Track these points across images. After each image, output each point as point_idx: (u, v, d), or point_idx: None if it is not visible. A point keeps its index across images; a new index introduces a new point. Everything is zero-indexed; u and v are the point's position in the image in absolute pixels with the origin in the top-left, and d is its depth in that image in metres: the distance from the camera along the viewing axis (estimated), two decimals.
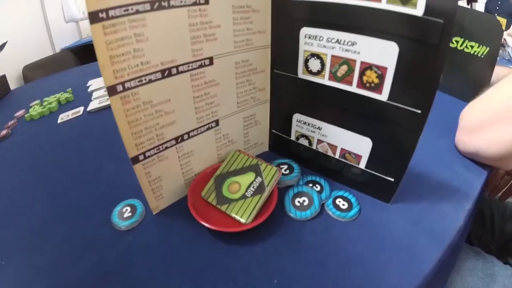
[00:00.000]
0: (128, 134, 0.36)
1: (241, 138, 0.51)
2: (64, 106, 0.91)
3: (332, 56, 0.40)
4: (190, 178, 0.46)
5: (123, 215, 0.44)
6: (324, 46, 0.40)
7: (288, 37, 0.43)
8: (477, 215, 0.85)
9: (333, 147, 0.47)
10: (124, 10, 0.31)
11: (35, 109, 0.87)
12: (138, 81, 0.34)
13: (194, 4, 0.36)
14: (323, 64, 0.42)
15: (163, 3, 0.33)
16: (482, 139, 0.52)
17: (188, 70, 0.38)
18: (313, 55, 0.42)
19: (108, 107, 0.84)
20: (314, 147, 0.49)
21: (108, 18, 0.30)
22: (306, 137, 0.49)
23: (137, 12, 0.32)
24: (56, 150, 0.68)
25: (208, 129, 0.45)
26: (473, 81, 0.84)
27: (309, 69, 0.43)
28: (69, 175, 0.58)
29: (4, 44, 1.14)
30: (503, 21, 0.76)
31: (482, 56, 0.80)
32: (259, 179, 0.44)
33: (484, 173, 0.54)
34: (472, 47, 0.82)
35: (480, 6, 4.00)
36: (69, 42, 2.57)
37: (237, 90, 0.45)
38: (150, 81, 0.35)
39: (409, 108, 0.37)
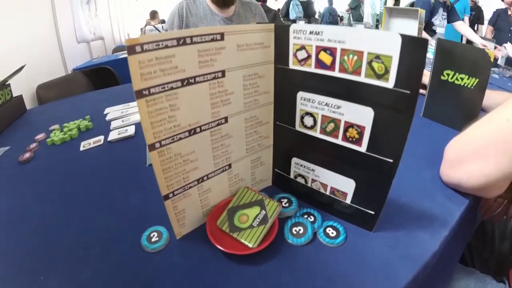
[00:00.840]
0: (162, 178, 0.45)
1: (248, 176, 0.59)
2: (84, 133, 0.97)
3: (322, 115, 0.49)
4: (208, 210, 0.55)
5: (151, 239, 0.51)
6: (316, 107, 0.50)
7: (288, 98, 0.52)
8: (479, 231, 0.88)
9: (324, 185, 0.55)
10: (162, 88, 0.40)
11: (57, 135, 0.92)
12: (171, 139, 0.44)
13: (214, 78, 0.45)
14: (315, 121, 0.51)
15: (190, 80, 0.43)
16: (463, 172, 0.58)
17: (209, 128, 0.48)
18: (308, 113, 0.51)
19: (127, 138, 0.91)
20: (309, 184, 0.57)
21: (149, 94, 0.40)
22: (303, 176, 0.58)
23: (171, 88, 0.41)
24: (82, 177, 0.74)
25: (222, 171, 0.54)
26: (464, 111, 0.88)
27: (304, 124, 0.52)
28: (97, 201, 0.63)
29: (22, 68, 1.21)
30: (491, 53, 0.81)
31: (472, 88, 0.84)
32: (263, 212, 0.52)
33: (465, 202, 0.60)
34: (462, 79, 0.86)
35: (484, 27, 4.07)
36: (81, 61, 2.68)
37: (246, 139, 0.55)
38: (180, 138, 0.45)
39: (383, 158, 0.46)
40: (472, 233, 0.84)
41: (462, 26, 3.02)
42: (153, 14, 5.85)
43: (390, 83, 0.41)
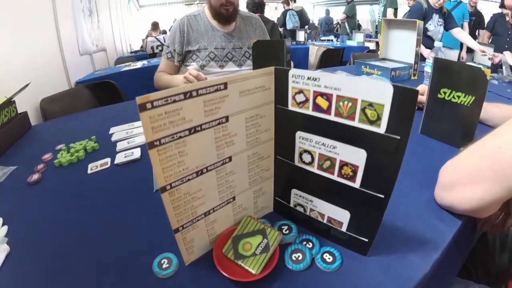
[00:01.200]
0: (173, 215, 0.50)
1: (251, 205, 0.63)
2: (90, 154, 0.98)
3: (319, 153, 0.53)
4: (214, 238, 0.59)
5: (162, 265, 0.54)
6: (313, 146, 0.53)
7: (287, 136, 0.56)
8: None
9: (321, 215, 0.59)
10: (171, 138, 0.44)
11: (64, 156, 0.95)
12: (180, 181, 0.48)
13: (218, 124, 0.49)
14: (313, 158, 0.55)
15: (197, 128, 0.47)
16: (455, 196, 0.61)
17: (214, 168, 0.52)
18: (306, 151, 0.55)
19: (134, 161, 0.93)
20: (307, 213, 0.61)
21: (160, 144, 0.43)
22: (302, 205, 0.61)
23: (180, 137, 0.45)
24: (92, 200, 0.76)
25: (227, 203, 0.58)
26: (461, 128, 0.91)
27: (303, 160, 0.56)
28: (108, 227, 0.66)
29: (27, 85, 1.23)
30: (487, 71, 0.83)
31: (468, 105, 0.87)
32: (265, 240, 0.56)
33: (458, 223, 0.63)
34: (459, 97, 0.89)
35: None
36: (83, 74, 2.70)
37: (249, 173, 0.59)
38: (188, 180, 0.49)
39: (375, 194, 0.50)
40: (470, 248, 0.87)
41: (460, 33, 3.02)
42: (155, 26, 5.99)
43: (382, 129, 0.45)
